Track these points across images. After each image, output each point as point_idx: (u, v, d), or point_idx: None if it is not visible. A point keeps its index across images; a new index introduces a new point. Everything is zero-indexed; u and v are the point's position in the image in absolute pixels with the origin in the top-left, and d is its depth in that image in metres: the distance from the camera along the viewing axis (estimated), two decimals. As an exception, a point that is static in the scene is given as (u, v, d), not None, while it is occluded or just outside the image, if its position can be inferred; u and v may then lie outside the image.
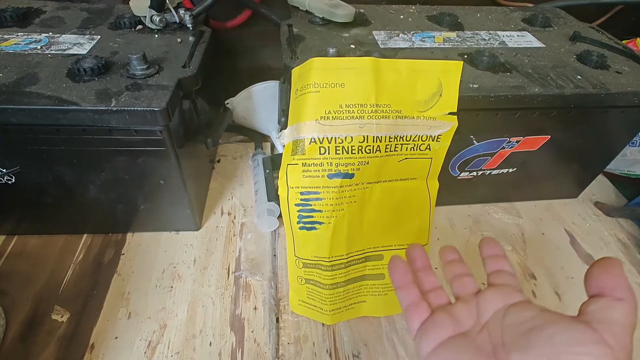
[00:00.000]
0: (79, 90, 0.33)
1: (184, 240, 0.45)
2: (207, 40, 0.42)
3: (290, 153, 0.31)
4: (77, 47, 0.39)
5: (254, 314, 0.38)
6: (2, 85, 0.33)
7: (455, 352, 0.23)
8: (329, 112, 0.30)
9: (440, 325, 0.25)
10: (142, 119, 0.32)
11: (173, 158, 0.36)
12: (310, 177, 0.31)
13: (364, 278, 0.37)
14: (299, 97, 0.32)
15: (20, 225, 0.43)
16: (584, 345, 0.18)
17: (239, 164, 0.56)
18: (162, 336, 0.36)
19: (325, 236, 0.33)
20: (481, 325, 0.24)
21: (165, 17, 0.42)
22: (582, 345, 0.18)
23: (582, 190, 0.53)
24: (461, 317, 0.25)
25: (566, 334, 0.19)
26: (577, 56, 0.43)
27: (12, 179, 0.37)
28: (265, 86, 0.54)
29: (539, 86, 0.37)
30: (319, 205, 0.32)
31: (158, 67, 0.36)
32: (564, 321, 0.20)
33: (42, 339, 0.35)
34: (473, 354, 0.22)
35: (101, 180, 0.38)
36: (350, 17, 0.44)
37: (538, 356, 0.19)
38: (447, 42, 0.44)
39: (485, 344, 0.22)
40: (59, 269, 0.41)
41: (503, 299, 0.24)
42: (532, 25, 0.50)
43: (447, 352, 0.23)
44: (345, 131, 0.30)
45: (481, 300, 0.25)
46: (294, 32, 0.43)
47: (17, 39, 0.39)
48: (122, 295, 0.39)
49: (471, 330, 0.24)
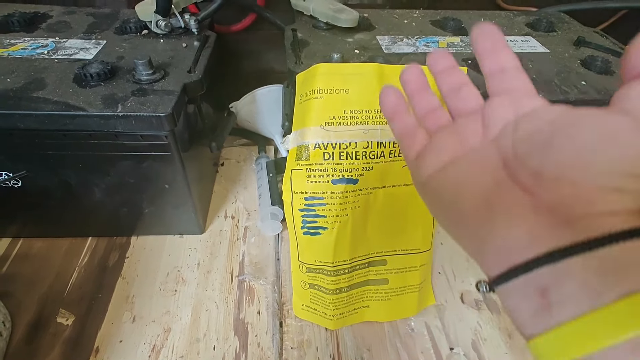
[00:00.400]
0: (86, 95, 0.33)
1: (188, 244, 0.45)
2: (212, 44, 0.43)
3: (295, 158, 0.32)
4: (83, 52, 0.39)
5: (258, 318, 0.39)
6: (10, 90, 0.33)
7: (458, 172, 0.19)
8: (333, 117, 0.30)
9: (440, 148, 0.20)
10: (148, 124, 0.32)
11: (178, 162, 0.37)
12: (314, 182, 0.31)
13: (367, 283, 0.37)
14: (304, 103, 0.32)
15: (26, 228, 0.43)
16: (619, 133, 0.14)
17: (243, 167, 0.56)
18: (166, 340, 0.36)
19: (329, 241, 0.33)
20: (488, 141, 0.19)
21: (170, 21, 0.42)
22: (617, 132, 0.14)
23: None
24: (464, 135, 0.20)
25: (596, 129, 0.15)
26: (581, 61, 0.43)
27: (19, 183, 0.37)
28: (269, 90, 0.54)
29: (543, 92, 0.37)
30: (322, 210, 0.32)
31: (164, 72, 0.36)
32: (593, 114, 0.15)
33: (47, 342, 0.36)
34: (479, 171, 0.18)
35: (106, 184, 0.38)
36: (354, 22, 0.44)
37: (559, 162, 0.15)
38: (451, 47, 0.44)
39: (492, 157, 0.18)
40: (64, 272, 0.41)
41: (513, 108, 0.19)
42: (535, 30, 0.50)
43: (447, 173, 0.19)
44: (350, 137, 0.30)
45: (486, 114, 0.20)
46: (298, 37, 0.44)
47: (24, 43, 0.39)
48: (126, 298, 0.39)
49: (476, 148, 0.19)
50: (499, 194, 0.17)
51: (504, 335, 0.39)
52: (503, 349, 0.38)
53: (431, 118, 0.22)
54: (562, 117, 0.16)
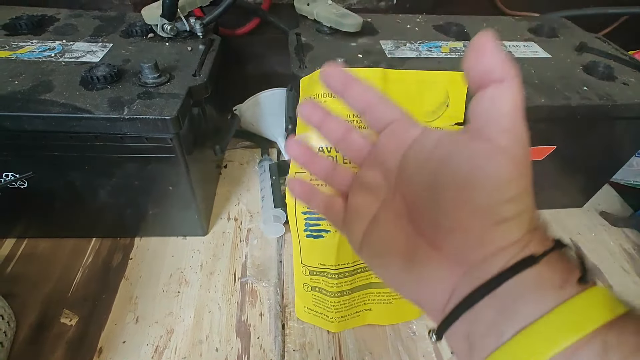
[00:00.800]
0: (92, 98, 0.33)
1: (191, 246, 0.45)
2: (216, 48, 0.43)
3: (299, 162, 0.32)
4: (90, 55, 0.39)
5: (260, 320, 0.39)
6: (18, 92, 0.33)
7: (379, 234, 0.19)
8: (337, 121, 0.31)
9: (358, 211, 0.20)
10: (154, 127, 0.33)
11: (182, 165, 0.37)
12: (317, 185, 0.32)
13: (369, 286, 0.37)
14: (308, 107, 0.32)
15: (31, 229, 0.44)
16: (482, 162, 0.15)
17: (246, 169, 0.56)
18: (169, 341, 0.37)
19: (331, 244, 0.33)
20: (392, 187, 0.20)
21: (176, 25, 0.43)
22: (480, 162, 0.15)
23: (587, 200, 0.53)
24: (371, 188, 0.20)
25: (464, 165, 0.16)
26: (583, 67, 0.43)
27: (25, 184, 0.38)
28: (273, 93, 0.55)
29: (545, 97, 0.37)
30: (326, 213, 0.32)
31: (169, 75, 0.37)
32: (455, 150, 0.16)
33: (51, 343, 0.36)
34: (393, 229, 0.19)
35: (111, 186, 0.39)
36: (357, 27, 0.45)
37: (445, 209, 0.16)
38: (453, 52, 0.44)
39: (400, 210, 0.19)
40: (68, 272, 0.41)
41: (398, 145, 0.19)
42: (538, 35, 0.50)
43: (372, 238, 0.20)
44: (353, 141, 0.31)
45: (377, 157, 0.20)
46: (302, 41, 0.44)
47: (31, 46, 0.40)
48: (129, 299, 0.40)
49: (386, 199, 0.20)
50: (413, 254, 0.18)
51: (506, 339, 0.39)
52: (504, 353, 0.38)
53: (334, 180, 0.22)
54: (439, 150, 0.17)
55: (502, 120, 0.16)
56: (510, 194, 0.15)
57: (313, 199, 0.23)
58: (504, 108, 0.16)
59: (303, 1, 0.49)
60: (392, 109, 0.20)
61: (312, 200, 0.23)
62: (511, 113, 0.16)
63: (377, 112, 0.20)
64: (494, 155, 0.15)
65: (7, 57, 0.38)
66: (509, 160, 0.15)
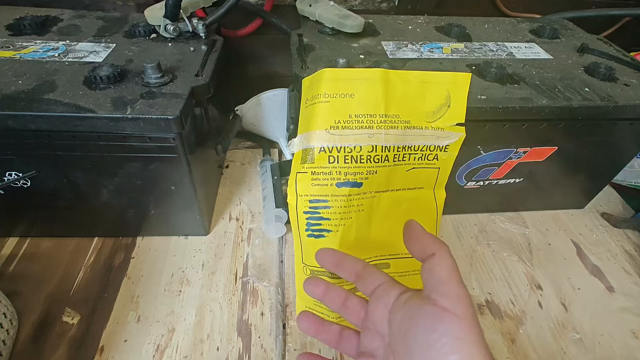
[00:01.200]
0: (96, 97, 0.34)
1: (192, 245, 0.45)
2: (219, 49, 0.43)
3: (300, 161, 0.32)
4: (93, 55, 0.40)
5: (261, 320, 0.39)
6: (21, 92, 0.34)
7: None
8: (338, 121, 0.31)
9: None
10: (156, 127, 0.33)
11: (184, 164, 0.37)
12: (319, 185, 0.32)
13: (370, 286, 0.37)
14: (309, 107, 0.32)
15: (34, 228, 0.44)
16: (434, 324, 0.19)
17: (247, 169, 0.57)
18: (170, 340, 0.37)
19: (332, 244, 0.33)
20: (387, 348, 0.23)
21: (179, 26, 0.43)
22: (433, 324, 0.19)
23: (589, 201, 0.53)
24: (374, 350, 0.24)
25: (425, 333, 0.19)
26: (584, 68, 0.43)
27: (28, 183, 0.38)
28: (275, 94, 0.55)
29: (546, 98, 0.38)
30: (327, 213, 0.32)
31: (172, 75, 0.37)
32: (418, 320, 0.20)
33: (53, 341, 0.36)
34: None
35: (114, 185, 0.39)
36: (359, 28, 0.45)
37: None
38: (455, 53, 0.44)
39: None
40: (70, 271, 0.42)
41: (384, 307, 0.23)
42: (539, 36, 0.50)
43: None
44: (355, 141, 0.31)
45: (372, 321, 0.24)
46: (304, 42, 0.44)
47: (35, 46, 0.40)
48: (131, 298, 0.40)
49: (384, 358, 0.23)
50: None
51: (507, 340, 0.39)
52: (505, 353, 0.38)
53: (344, 347, 0.26)
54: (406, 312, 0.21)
55: (440, 286, 0.20)
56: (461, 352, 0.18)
57: (323, 333, 0.27)
58: (440, 275, 0.20)
59: (305, 2, 0.49)
60: (377, 275, 0.25)
61: (321, 334, 0.27)
62: (446, 279, 0.20)
63: (365, 279, 0.25)
64: (442, 316, 0.19)
65: (11, 57, 0.38)
66: (456, 320, 0.18)
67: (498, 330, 0.39)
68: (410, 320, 0.20)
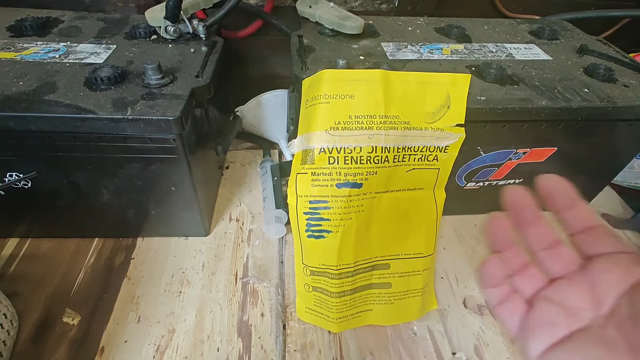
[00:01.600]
0: (96, 99, 0.34)
1: (192, 246, 0.45)
2: (219, 50, 0.43)
3: (300, 162, 0.32)
4: (94, 56, 0.40)
5: (261, 321, 0.39)
6: (22, 93, 0.34)
7: (579, 353, 0.17)
8: (338, 122, 0.31)
9: (550, 322, 0.19)
10: (157, 128, 0.33)
11: (185, 165, 0.37)
12: (319, 186, 0.32)
13: (370, 287, 0.37)
14: (309, 108, 0.32)
15: (34, 229, 0.44)
16: None
17: (248, 170, 0.57)
18: (170, 341, 0.37)
19: (333, 244, 0.33)
20: (604, 317, 0.18)
21: (179, 27, 0.43)
22: None
23: (589, 202, 0.53)
24: (572, 307, 0.19)
25: None
26: (584, 69, 0.43)
27: (29, 184, 0.38)
28: (275, 95, 0.55)
29: (546, 99, 0.38)
30: (327, 214, 0.32)
31: (172, 76, 0.37)
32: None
33: (54, 342, 0.36)
34: (605, 354, 0.17)
35: (114, 186, 0.39)
36: (359, 29, 0.45)
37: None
38: (455, 54, 0.44)
39: (617, 342, 0.17)
40: (70, 272, 0.42)
41: (626, 275, 0.17)
42: (539, 37, 0.50)
43: (567, 354, 0.18)
44: (355, 141, 0.31)
45: (595, 280, 0.18)
46: (304, 43, 0.44)
47: (36, 47, 0.40)
48: (131, 299, 0.40)
49: (593, 326, 0.18)
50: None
51: (507, 341, 0.39)
52: (505, 354, 0.38)
53: (524, 278, 0.21)
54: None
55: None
56: None
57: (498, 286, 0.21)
58: None
59: (305, 3, 0.49)
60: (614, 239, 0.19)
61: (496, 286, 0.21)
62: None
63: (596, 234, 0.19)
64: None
65: (12, 58, 0.38)
66: None
67: (499, 331, 0.39)
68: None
